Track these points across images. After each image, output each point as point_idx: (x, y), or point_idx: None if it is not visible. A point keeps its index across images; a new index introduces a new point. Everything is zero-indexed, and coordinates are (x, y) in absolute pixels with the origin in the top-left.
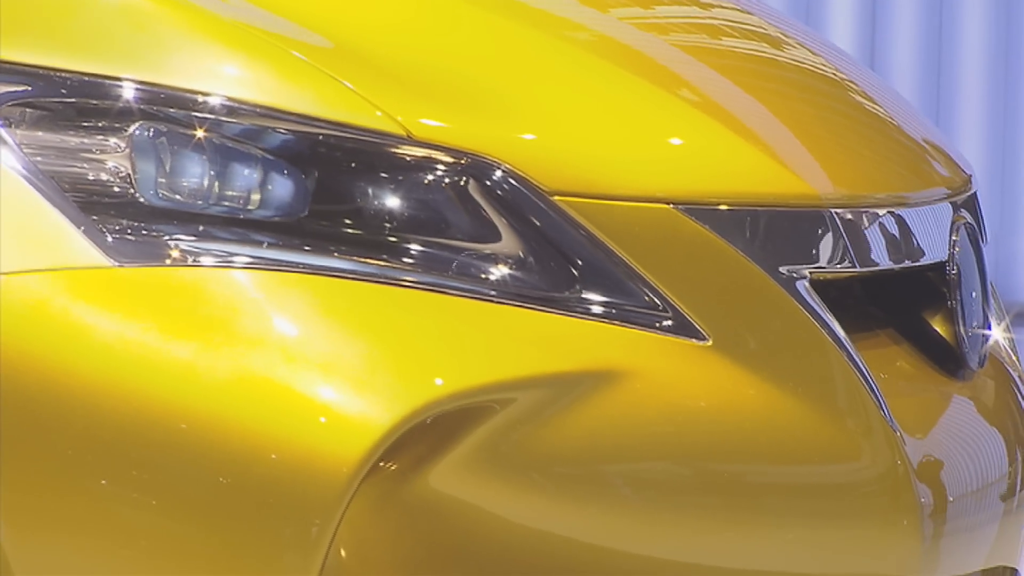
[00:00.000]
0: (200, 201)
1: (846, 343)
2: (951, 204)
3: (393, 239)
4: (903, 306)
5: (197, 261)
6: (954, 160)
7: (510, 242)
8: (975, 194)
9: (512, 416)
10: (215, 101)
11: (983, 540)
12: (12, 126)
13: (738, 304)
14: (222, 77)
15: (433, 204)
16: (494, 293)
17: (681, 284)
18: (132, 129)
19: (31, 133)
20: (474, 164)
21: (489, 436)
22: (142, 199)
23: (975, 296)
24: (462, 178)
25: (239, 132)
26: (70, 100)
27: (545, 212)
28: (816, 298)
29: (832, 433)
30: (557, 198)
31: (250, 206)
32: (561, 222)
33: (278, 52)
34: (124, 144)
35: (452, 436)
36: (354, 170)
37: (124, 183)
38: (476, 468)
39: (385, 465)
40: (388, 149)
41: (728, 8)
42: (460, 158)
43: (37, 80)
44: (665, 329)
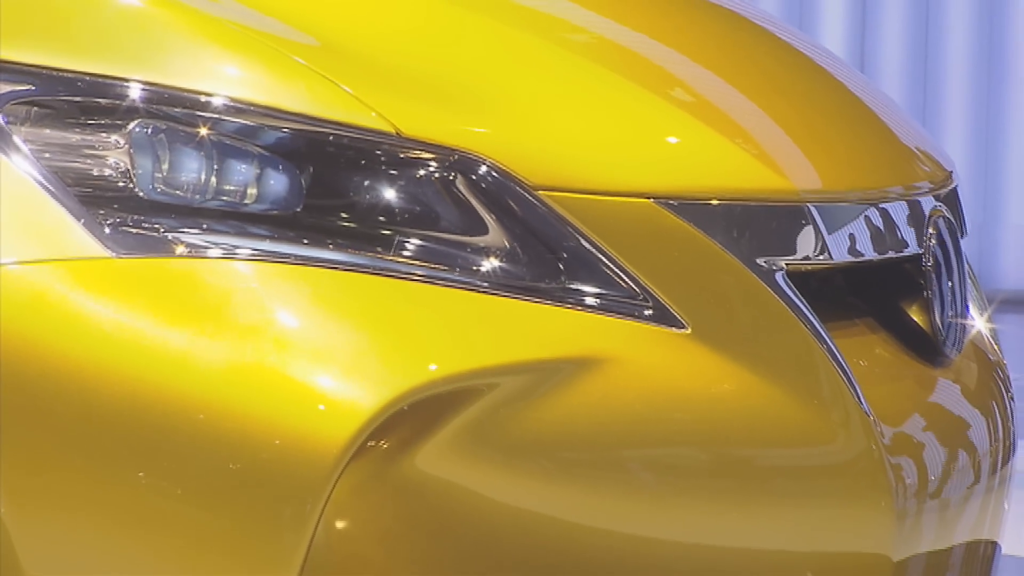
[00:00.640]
0: (197, 195)
1: (821, 331)
2: (929, 198)
3: (383, 232)
4: (882, 296)
5: (192, 252)
6: (934, 156)
7: (496, 235)
8: (956, 188)
9: (496, 400)
10: (212, 100)
11: (961, 517)
12: (16, 123)
13: (716, 294)
14: (218, 77)
15: (422, 198)
16: (480, 283)
17: (661, 275)
18: (131, 126)
19: (34, 130)
20: (461, 160)
21: (473, 420)
22: (141, 193)
23: (951, 287)
24: (449, 174)
25: (235, 130)
26: (72, 99)
27: (530, 206)
28: (792, 288)
29: (806, 417)
30: (541, 193)
31: (246, 200)
32: (545, 216)
33: (273, 53)
34: (124, 141)
35: (437, 419)
36: (346, 166)
37: (123, 178)
38: (461, 450)
39: (372, 446)
40: (378, 146)
41: (709, 6)
42: (447, 155)
43: (40, 80)
44: (645, 318)
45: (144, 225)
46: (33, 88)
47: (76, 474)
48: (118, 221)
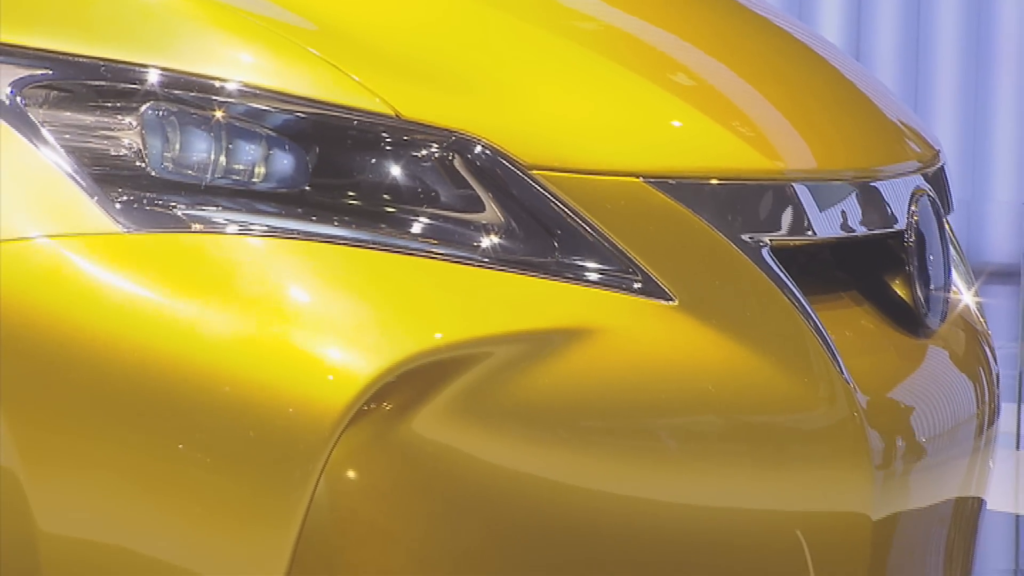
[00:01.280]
0: (206, 174)
1: (804, 304)
2: (914, 177)
3: (383, 209)
4: (868, 270)
5: (200, 228)
6: (921, 136)
7: (491, 212)
8: (942, 167)
9: (490, 368)
10: (221, 84)
11: (947, 477)
12: (34, 106)
13: (702, 268)
14: (228, 62)
15: (420, 177)
16: (476, 258)
17: (649, 250)
18: (143, 108)
19: (51, 112)
20: (458, 141)
21: (468, 386)
22: (152, 172)
23: (934, 261)
24: (447, 154)
25: (243, 112)
26: (87, 82)
27: (524, 184)
28: (776, 263)
29: (788, 385)
30: (535, 172)
31: (254, 179)
32: (539, 194)
33: (280, 40)
34: (136, 122)
35: (434, 386)
36: (348, 147)
37: (136, 158)
38: (456, 415)
39: (371, 411)
40: (379, 128)
41: None
42: (445, 136)
43: (57, 64)
44: (634, 291)
45: (155, 202)
46: (50, 72)
47: (88, 436)
48: (130, 198)
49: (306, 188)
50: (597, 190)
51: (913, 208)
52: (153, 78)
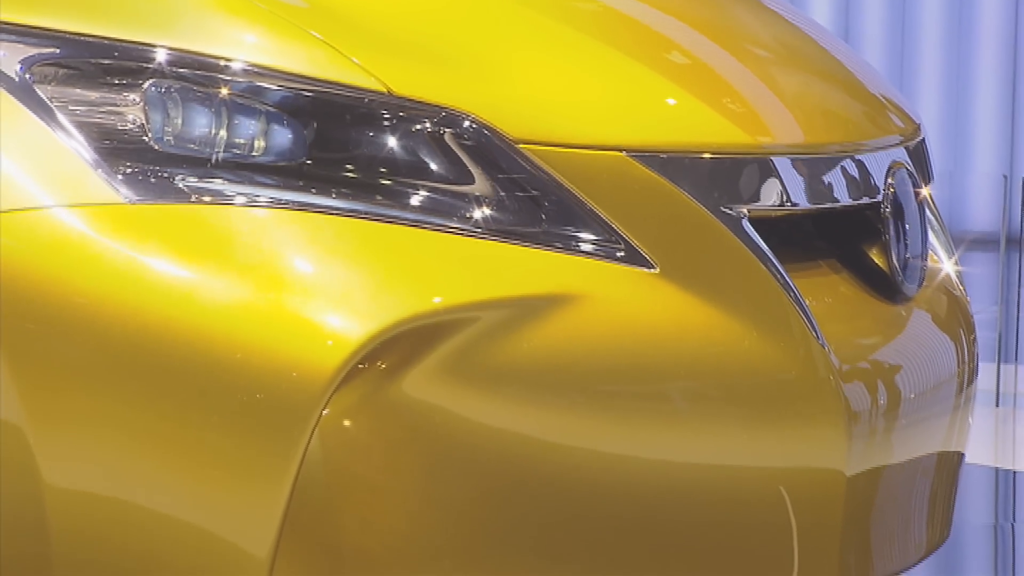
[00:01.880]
0: (205, 148)
1: (781, 271)
2: (893, 151)
3: (376, 181)
4: (848, 240)
5: (198, 199)
6: (903, 111)
7: (480, 184)
8: (923, 140)
9: (477, 332)
10: (221, 63)
11: (920, 436)
12: (42, 83)
13: (683, 237)
14: (228, 42)
15: (412, 151)
16: (464, 227)
17: (632, 220)
18: (147, 85)
19: (58, 89)
20: (447, 117)
21: (456, 349)
22: (155, 146)
23: (910, 230)
24: (437, 129)
25: (242, 89)
26: (93, 61)
27: (511, 158)
28: (754, 232)
29: (764, 348)
30: (522, 146)
31: (253, 152)
32: (526, 167)
33: (277, 20)
34: (139, 98)
35: (423, 348)
36: (343, 122)
37: (139, 132)
38: (444, 376)
39: (362, 371)
40: (372, 104)
41: None
42: (435, 112)
43: (64, 44)
44: (617, 259)
45: (157, 174)
46: (58, 51)
47: (91, 396)
48: (134, 171)
49: (303, 161)
50: (582, 163)
51: (890, 180)
52: (157, 57)
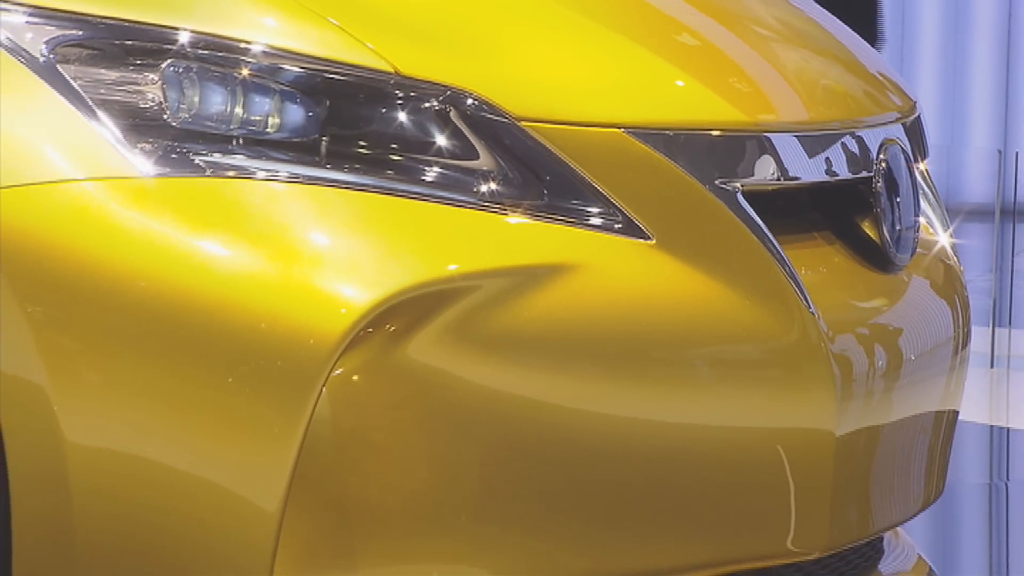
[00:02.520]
0: (221, 124)
1: (773, 242)
2: (890, 126)
3: (384, 156)
4: (841, 213)
5: (213, 173)
6: (900, 88)
7: (484, 159)
8: (919, 117)
9: (479, 299)
10: (236, 43)
11: (910, 398)
12: (66, 63)
13: (678, 210)
14: (243, 24)
15: (418, 128)
16: (468, 200)
17: (629, 193)
18: (165, 65)
19: (81, 68)
20: (452, 95)
21: (458, 316)
22: (173, 123)
23: (902, 203)
24: (442, 107)
25: (257, 69)
26: (114, 42)
27: (513, 135)
28: (746, 205)
29: (755, 315)
30: (524, 123)
31: (267, 129)
32: (527, 143)
33: (291, 3)
34: (158, 77)
35: (428, 315)
36: (352, 100)
37: (158, 110)
38: (447, 341)
39: (369, 336)
40: (380, 84)
41: None
42: (441, 91)
43: (87, 25)
44: (615, 230)
45: (175, 150)
46: (81, 33)
47: (111, 358)
48: (152, 146)
49: (314, 137)
50: (581, 140)
51: (882, 156)
52: (176, 38)
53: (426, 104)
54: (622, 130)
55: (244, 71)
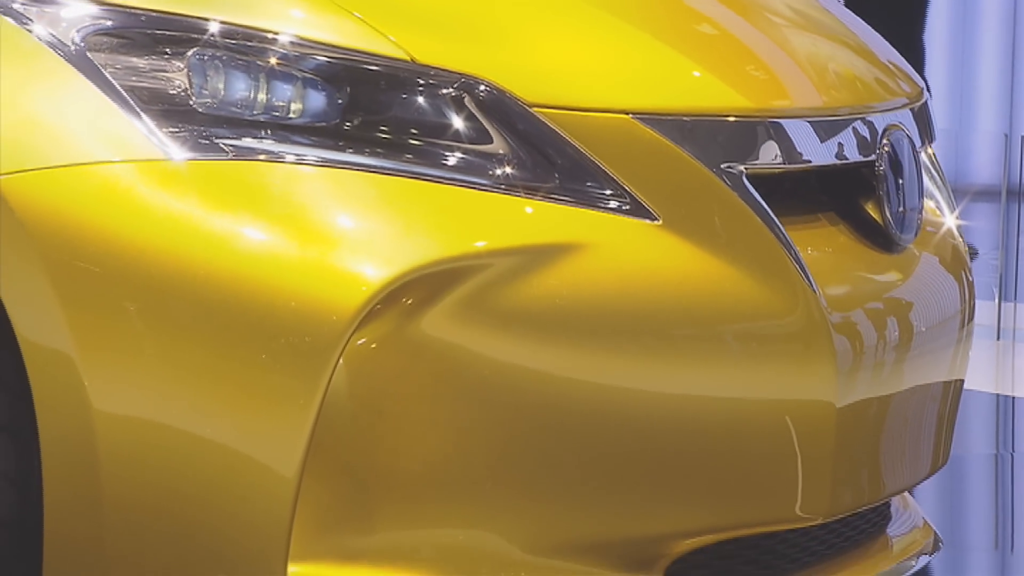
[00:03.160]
0: (245, 110)
1: (775, 222)
2: (896, 112)
3: (401, 140)
4: (847, 195)
5: (237, 156)
6: (908, 74)
7: (497, 144)
8: (926, 102)
9: (491, 276)
10: (261, 33)
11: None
12: (96, 51)
13: (684, 192)
14: (267, 14)
15: (433, 113)
16: (481, 182)
17: (637, 176)
18: (191, 53)
19: (112, 56)
20: (466, 83)
21: (471, 292)
22: (199, 108)
23: (905, 186)
24: (457, 93)
25: (281, 57)
26: (142, 31)
27: (526, 120)
28: (750, 187)
29: (758, 292)
30: (536, 109)
31: (290, 115)
32: (538, 128)
33: None
34: (184, 65)
35: (441, 291)
36: (371, 87)
37: (184, 95)
38: (460, 316)
39: (384, 311)
40: (397, 71)
41: None
42: (455, 78)
43: (117, 15)
44: (623, 211)
45: (200, 134)
46: (111, 23)
47: (137, 331)
48: (178, 130)
49: (334, 123)
50: (591, 125)
51: (885, 141)
52: (203, 28)
53: (441, 91)
54: (630, 116)
55: (269, 59)
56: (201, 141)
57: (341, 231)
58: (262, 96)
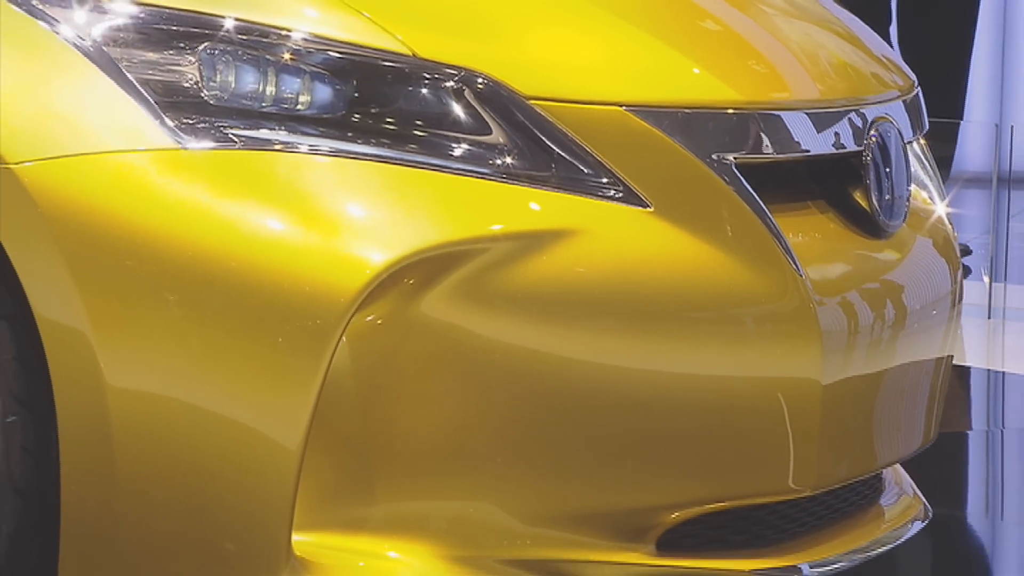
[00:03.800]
0: (253, 102)
1: (763, 209)
2: (886, 104)
3: (403, 131)
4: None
5: (245, 146)
6: (900, 68)
7: (496, 135)
8: (917, 94)
9: (488, 260)
10: (270, 29)
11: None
12: (112, 45)
13: (675, 181)
14: (275, 11)
15: (434, 105)
16: (479, 170)
17: (630, 166)
18: (202, 48)
19: (127, 51)
20: (465, 76)
21: (469, 275)
22: (210, 100)
23: (892, 175)
24: (457, 86)
25: (288, 51)
26: (156, 26)
27: (523, 112)
28: (739, 176)
29: (746, 276)
30: (532, 102)
31: (298, 107)
32: (536, 120)
33: None
34: (195, 59)
35: (440, 274)
36: (374, 80)
37: (195, 87)
38: (458, 298)
39: (384, 293)
40: (399, 65)
41: None
42: (455, 72)
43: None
44: (615, 199)
45: (211, 124)
46: (127, 20)
47: (149, 311)
48: (190, 121)
49: (340, 114)
50: (585, 117)
51: (873, 131)
52: (210, 22)
53: (442, 84)
54: (623, 108)
55: (279, 54)
56: (211, 131)
57: (345, 217)
58: (271, 89)
